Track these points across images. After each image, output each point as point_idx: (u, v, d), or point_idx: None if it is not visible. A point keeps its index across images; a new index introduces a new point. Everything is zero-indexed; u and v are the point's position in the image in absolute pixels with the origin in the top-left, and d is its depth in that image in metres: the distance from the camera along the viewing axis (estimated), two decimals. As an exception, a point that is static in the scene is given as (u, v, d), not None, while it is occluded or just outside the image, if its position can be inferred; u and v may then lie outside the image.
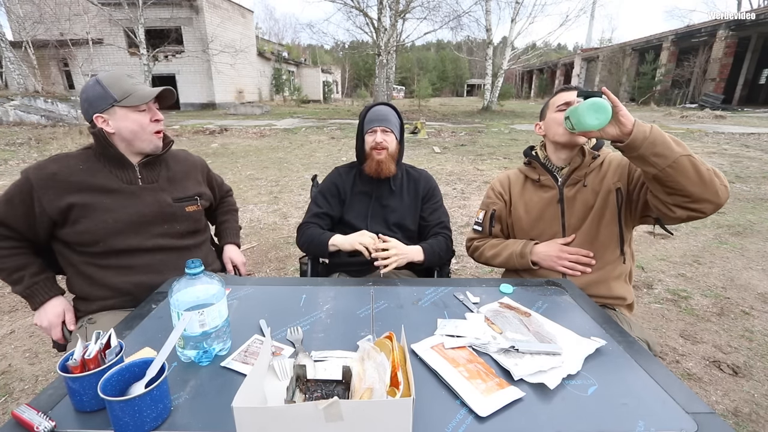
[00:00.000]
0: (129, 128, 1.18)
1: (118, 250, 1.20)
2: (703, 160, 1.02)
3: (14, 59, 14.19)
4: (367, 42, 22.27)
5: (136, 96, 1.17)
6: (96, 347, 0.72)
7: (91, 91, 1.17)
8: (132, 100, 1.16)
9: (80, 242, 1.19)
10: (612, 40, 44.74)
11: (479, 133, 11.31)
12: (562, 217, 1.33)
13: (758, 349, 2.04)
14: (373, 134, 1.46)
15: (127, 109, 1.16)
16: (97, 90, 1.16)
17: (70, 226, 1.17)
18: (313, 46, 62.58)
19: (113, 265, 1.21)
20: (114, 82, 1.16)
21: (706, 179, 0.99)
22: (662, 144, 0.98)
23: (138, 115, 1.18)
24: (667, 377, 0.78)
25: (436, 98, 41.40)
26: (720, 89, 19.16)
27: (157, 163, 1.30)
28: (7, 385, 1.79)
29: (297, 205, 4.61)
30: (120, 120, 1.17)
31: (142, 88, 1.20)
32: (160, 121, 1.23)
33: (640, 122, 1.02)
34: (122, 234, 1.20)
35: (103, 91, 1.15)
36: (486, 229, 1.49)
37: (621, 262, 1.31)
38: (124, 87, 1.16)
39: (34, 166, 1.15)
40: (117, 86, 1.16)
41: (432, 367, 0.80)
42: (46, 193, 1.13)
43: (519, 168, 1.47)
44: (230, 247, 1.61)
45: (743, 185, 5.37)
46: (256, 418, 0.57)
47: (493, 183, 1.51)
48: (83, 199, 1.16)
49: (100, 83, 1.16)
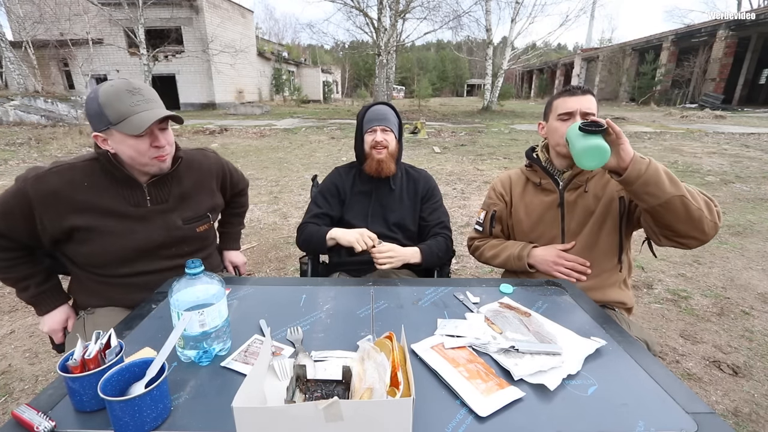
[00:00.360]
0: (126, 153, 1.07)
1: (121, 274, 1.17)
2: (702, 190, 1.05)
3: (14, 59, 14.19)
4: (367, 42, 22.28)
5: (132, 124, 1.02)
6: (96, 347, 0.72)
7: (89, 106, 1.06)
8: (127, 127, 1.02)
9: (83, 262, 1.15)
10: (612, 40, 44.81)
11: (479, 133, 11.31)
12: (561, 222, 1.33)
13: (758, 349, 2.04)
14: (373, 133, 1.46)
15: (124, 135, 1.04)
16: (94, 107, 1.04)
17: (75, 245, 1.12)
18: (313, 46, 62.60)
19: (117, 283, 1.18)
20: (111, 102, 1.02)
21: (695, 219, 1.01)
22: (655, 184, 1.00)
23: (135, 142, 1.05)
24: (667, 377, 0.78)
25: (436, 98, 41.42)
26: (720, 89, 19.16)
27: (167, 181, 1.20)
28: (7, 385, 1.79)
29: (297, 205, 4.61)
30: (117, 143, 1.06)
31: (142, 111, 1.04)
32: (162, 147, 1.10)
33: (639, 158, 1.01)
34: (129, 260, 1.16)
35: (100, 111, 1.02)
36: (486, 229, 1.49)
37: (617, 270, 1.31)
38: (120, 109, 1.02)
39: (32, 178, 1.04)
40: (113, 107, 1.02)
41: (432, 367, 0.80)
42: (46, 211, 1.05)
43: (521, 168, 1.46)
44: (230, 251, 1.61)
45: (743, 185, 5.37)
46: (256, 418, 0.57)
47: (495, 183, 1.51)
48: (88, 222, 1.08)
49: (98, 100, 1.02)
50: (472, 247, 1.57)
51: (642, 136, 10.11)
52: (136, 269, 1.17)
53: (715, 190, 5.10)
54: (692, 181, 5.57)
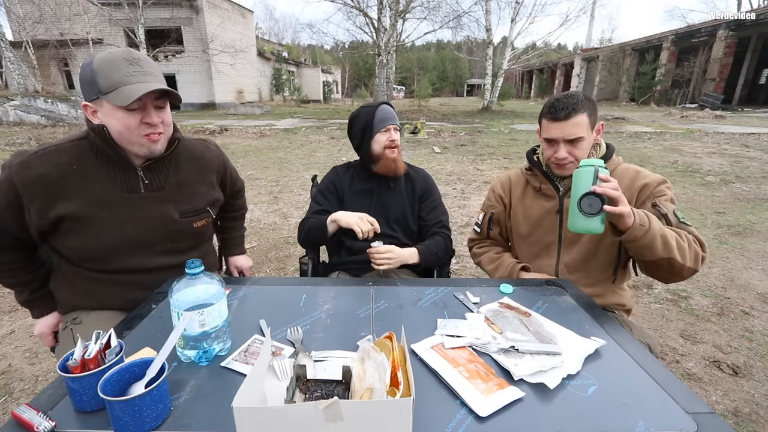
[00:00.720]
0: (115, 128, 0.98)
1: (112, 269, 1.08)
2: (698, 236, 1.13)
3: (14, 59, 14.19)
4: (367, 42, 22.27)
5: (122, 94, 0.92)
6: (96, 347, 0.72)
7: (83, 72, 0.96)
8: (117, 97, 0.92)
9: (72, 256, 1.07)
10: (612, 40, 44.78)
11: (479, 133, 11.31)
12: (559, 228, 1.32)
13: (758, 349, 2.04)
14: (387, 133, 1.47)
15: (113, 106, 0.94)
16: (87, 74, 0.95)
17: (60, 237, 1.03)
18: (313, 46, 62.62)
19: (107, 280, 1.09)
20: (104, 69, 0.93)
21: (677, 272, 1.10)
22: (649, 248, 1.04)
23: (124, 115, 0.95)
24: (667, 377, 0.78)
25: (436, 98, 41.41)
26: (720, 89, 19.16)
27: (164, 165, 1.10)
28: (7, 385, 1.79)
29: (297, 205, 4.61)
30: (106, 116, 0.97)
31: (137, 82, 0.95)
32: (153, 125, 1.00)
33: (639, 224, 1.01)
34: (118, 255, 1.06)
35: (92, 78, 0.93)
36: (484, 231, 1.49)
37: (611, 282, 1.31)
38: (113, 77, 0.93)
39: (17, 165, 0.97)
40: (105, 75, 0.93)
41: (432, 367, 0.80)
42: (33, 201, 0.97)
43: (521, 169, 1.44)
44: (235, 256, 1.55)
45: (743, 185, 5.37)
46: (256, 418, 0.57)
47: (494, 184, 1.50)
48: (75, 211, 1.00)
49: (92, 66, 0.94)
50: (471, 250, 1.57)
51: (642, 136, 10.11)
52: (129, 265, 1.08)
53: (715, 190, 5.10)
54: (692, 181, 5.57)
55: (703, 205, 4.50)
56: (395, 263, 1.34)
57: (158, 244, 1.12)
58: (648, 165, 6.72)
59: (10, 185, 0.97)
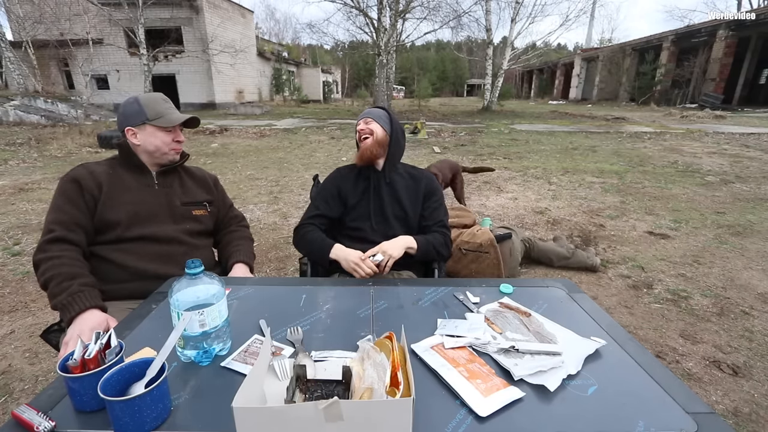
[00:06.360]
0: (154, 143, 1.37)
1: (130, 237, 1.32)
2: None
3: (14, 59, 14.20)
4: (367, 42, 22.21)
5: (166, 119, 1.36)
6: (96, 347, 0.72)
7: (128, 107, 1.36)
8: (162, 121, 1.35)
9: (101, 228, 1.31)
10: (612, 40, 44.78)
11: (479, 133, 11.31)
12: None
13: (758, 349, 2.04)
14: (360, 124, 1.56)
15: (156, 128, 1.35)
16: (134, 107, 1.35)
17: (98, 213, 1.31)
18: (313, 46, 62.51)
19: (121, 248, 1.31)
20: (150, 103, 1.36)
21: None
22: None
23: (164, 134, 1.37)
24: (667, 377, 0.78)
25: (436, 98, 41.38)
26: (720, 89, 19.15)
27: (173, 173, 1.47)
28: (7, 385, 1.79)
29: (297, 205, 4.60)
30: (148, 136, 1.36)
31: (173, 112, 1.40)
32: (181, 142, 1.43)
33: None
34: (137, 224, 1.34)
35: (139, 109, 1.35)
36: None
37: None
38: (157, 109, 1.36)
39: (72, 170, 1.34)
40: (151, 107, 1.35)
41: (432, 367, 0.80)
42: (88, 186, 1.30)
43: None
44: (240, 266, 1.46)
45: (743, 185, 5.37)
46: (256, 418, 0.57)
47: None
48: (108, 195, 1.33)
49: (138, 102, 1.35)
50: None
51: (642, 136, 10.11)
52: (143, 233, 1.34)
53: (715, 190, 5.10)
54: (692, 181, 5.57)
55: (703, 205, 4.50)
56: (396, 255, 1.36)
57: (167, 222, 1.40)
58: (648, 165, 6.72)
59: (73, 180, 1.31)
